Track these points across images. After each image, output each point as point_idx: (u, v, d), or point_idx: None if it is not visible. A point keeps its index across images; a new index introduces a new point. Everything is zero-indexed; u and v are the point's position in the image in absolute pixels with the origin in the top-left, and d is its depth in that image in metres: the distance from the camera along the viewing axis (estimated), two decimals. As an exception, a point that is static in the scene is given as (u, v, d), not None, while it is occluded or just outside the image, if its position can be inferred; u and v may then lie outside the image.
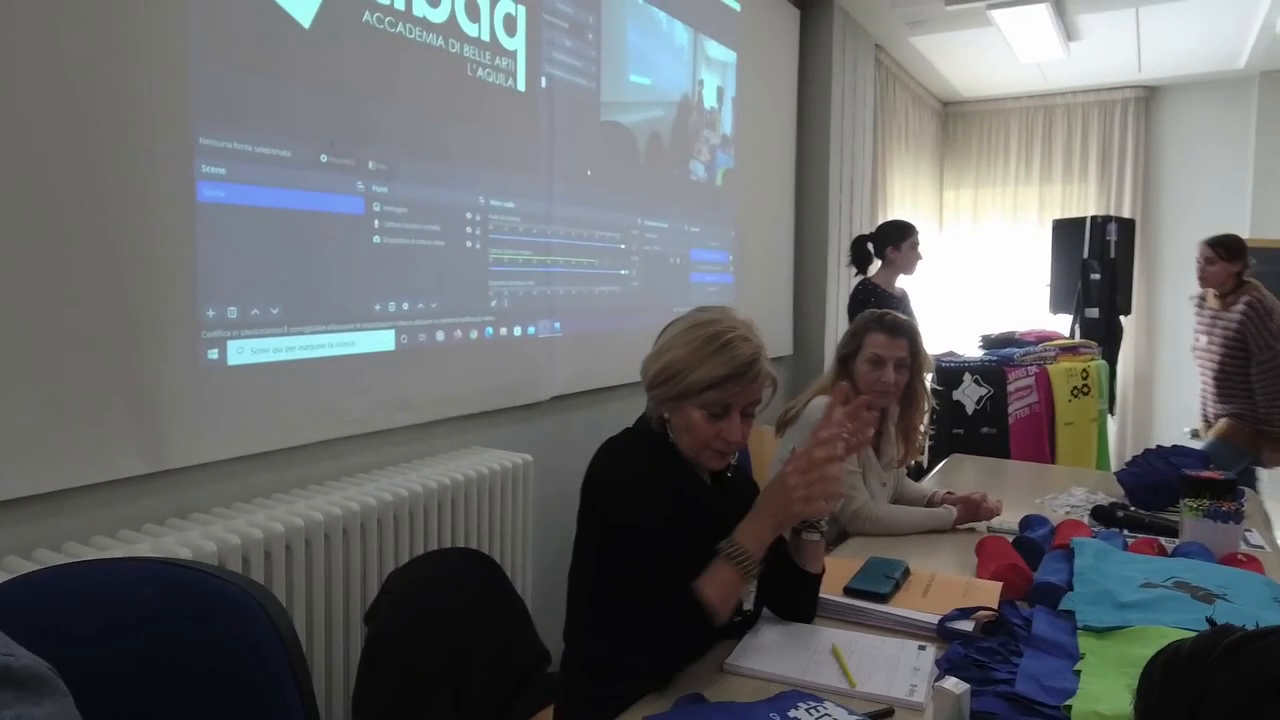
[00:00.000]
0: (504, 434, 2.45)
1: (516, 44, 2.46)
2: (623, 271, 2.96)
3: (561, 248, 2.64)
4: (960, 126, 6.66)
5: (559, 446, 2.64)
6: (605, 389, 2.82)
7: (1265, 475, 3.57)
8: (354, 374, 1.97)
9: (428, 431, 2.22)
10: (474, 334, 2.34)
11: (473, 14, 2.28)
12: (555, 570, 1.61)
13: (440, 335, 2.23)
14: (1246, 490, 2.40)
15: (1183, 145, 6.03)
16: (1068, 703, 1.19)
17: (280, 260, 1.79)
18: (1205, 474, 1.92)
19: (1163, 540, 1.91)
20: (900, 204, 5.44)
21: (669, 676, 1.30)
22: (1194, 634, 0.88)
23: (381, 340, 2.05)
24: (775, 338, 4.17)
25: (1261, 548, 1.96)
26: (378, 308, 2.03)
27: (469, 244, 2.31)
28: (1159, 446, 2.52)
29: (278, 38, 1.77)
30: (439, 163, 2.19)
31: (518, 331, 2.48)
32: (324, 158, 1.88)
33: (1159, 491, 2.21)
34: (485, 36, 2.33)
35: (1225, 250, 3.38)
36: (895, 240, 3.75)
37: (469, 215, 2.30)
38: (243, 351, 1.74)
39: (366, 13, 1.97)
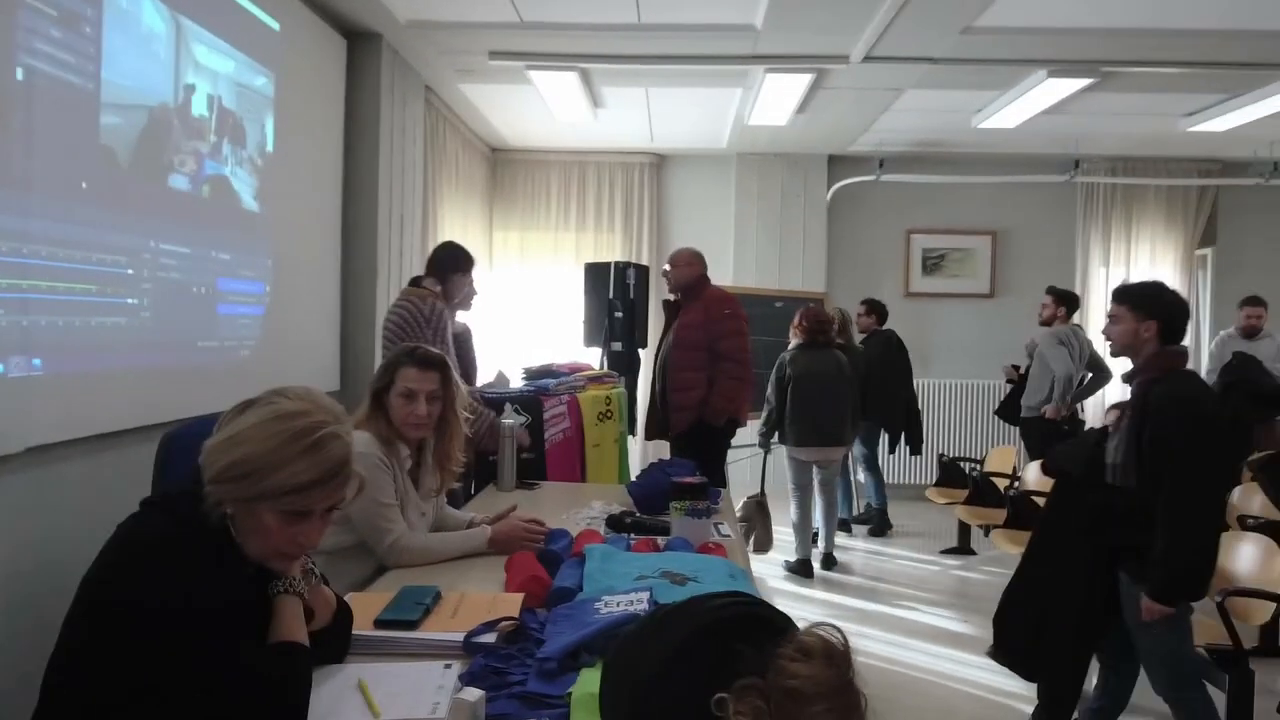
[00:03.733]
0: (-44, 497, 1.98)
1: (-21, 24, 2.04)
2: (130, 300, 2.59)
3: (43, 270, 2.22)
4: (508, 172, 7.13)
5: (38, 508, 2.20)
6: (104, 435, 2.43)
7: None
8: None
9: None
10: (-92, 373, 1.86)
11: (-94, -22, 1.84)
12: (33, 654, 1.32)
13: None
14: (721, 491, 2.94)
15: (685, 206, 7.22)
16: (569, 690, 1.34)
17: None
18: (686, 480, 2.32)
19: (659, 539, 2.24)
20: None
21: None
22: None
23: None
24: (321, 371, 4.00)
25: (729, 536, 2.41)
26: None
27: (-100, 261, 1.84)
28: (660, 460, 2.96)
29: None
30: None
31: (-22, 370, 2.03)
32: None
33: (657, 498, 2.58)
34: (-72, 8, 1.90)
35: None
36: None
37: (-100, 225, 1.84)
38: None
39: None
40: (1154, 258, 7.07)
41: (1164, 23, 4.07)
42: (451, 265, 3.64)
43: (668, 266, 4.37)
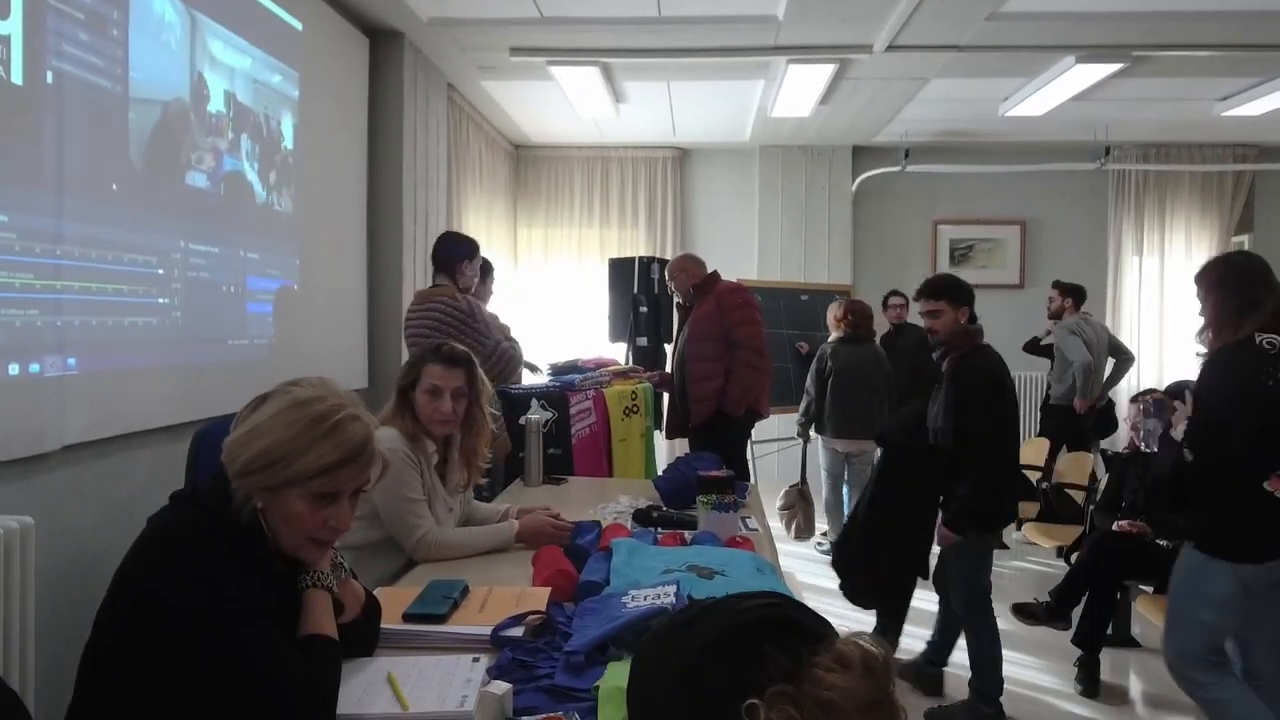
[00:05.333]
0: (-6, 494, 2.02)
1: (10, 28, 2.07)
2: (161, 300, 2.63)
3: (76, 271, 2.26)
4: (531, 169, 7.14)
5: (73, 504, 2.24)
6: (136, 434, 2.46)
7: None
8: None
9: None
10: (-53, 373, 1.90)
11: (-59, -16, 1.88)
12: (69, 647, 1.35)
13: (-107, 376, 1.77)
14: (748, 485, 2.92)
15: (708, 200, 7.19)
16: (596, 684, 1.34)
17: None
18: (712, 474, 2.30)
19: (686, 533, 2.23)
20: (476, 240, 5.63)
21: None
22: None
23: None
24: (349, 370, 4.03)
25: (756, 530, 2.39)
26: None
27: (-62, 263, 1.88)
28: (685, 454, 2.95)
29: None
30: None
31: (14, 370, 2.07)
32: None
33: (684, 492, 2.57)
34: (-38, 13, 1.93)
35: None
36: None
37: (-62, 228, 1.88)
38: None
39: None
40: (1189, 245, 6.91)
41: (1196, 4, 3.97)
42: (455, 254, 3.49)
43: (670, 284, 4.43)
